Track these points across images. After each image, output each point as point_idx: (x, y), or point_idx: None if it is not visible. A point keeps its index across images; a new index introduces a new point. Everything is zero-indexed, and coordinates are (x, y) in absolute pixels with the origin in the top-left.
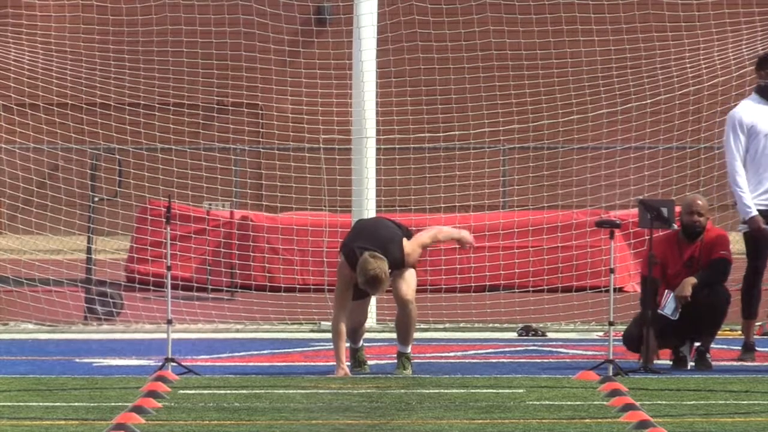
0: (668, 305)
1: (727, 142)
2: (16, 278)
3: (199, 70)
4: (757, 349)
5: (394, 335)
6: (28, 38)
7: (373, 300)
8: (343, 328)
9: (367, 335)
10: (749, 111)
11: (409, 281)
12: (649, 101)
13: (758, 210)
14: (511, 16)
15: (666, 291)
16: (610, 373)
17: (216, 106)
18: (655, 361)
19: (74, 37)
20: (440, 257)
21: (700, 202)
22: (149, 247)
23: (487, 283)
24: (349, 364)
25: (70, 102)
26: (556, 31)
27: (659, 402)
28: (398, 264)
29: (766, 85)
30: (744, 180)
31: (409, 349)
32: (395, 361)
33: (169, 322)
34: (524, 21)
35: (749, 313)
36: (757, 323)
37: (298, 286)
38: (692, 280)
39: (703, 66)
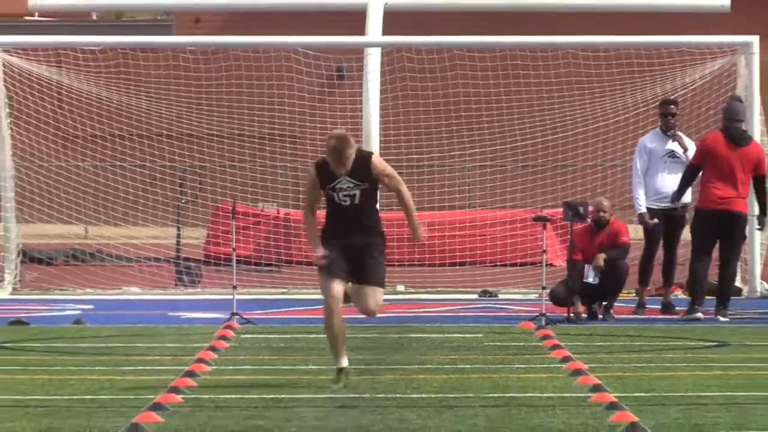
0: (590, 275)
1: (634, 161)
2: (127, 257)
3: (255, 111)
4: (646, 306)
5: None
6: (138, 86)
7: None
8: (310, 217)
9: None
10: (652, 139)
11: (377, 299)
12: (570, 132)
13: (654, 209)
14: (477, 72)
15: (586, 266)
16: (543, 324)
17: (267, 134)
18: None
19: (175, 88)
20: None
21: (605, 203)
22: (221, 233)
23: (458, 260)
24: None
25: (173, 129)
26: (505, 83)
27: (578, 343)
28: (366, 166)
29: (664, 122)
30: (642, 189)
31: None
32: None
33: (234, 287)
34: (483, 76)
35: (644, 281)
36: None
37: None
38: (603, 255)
39: (611, 107)
